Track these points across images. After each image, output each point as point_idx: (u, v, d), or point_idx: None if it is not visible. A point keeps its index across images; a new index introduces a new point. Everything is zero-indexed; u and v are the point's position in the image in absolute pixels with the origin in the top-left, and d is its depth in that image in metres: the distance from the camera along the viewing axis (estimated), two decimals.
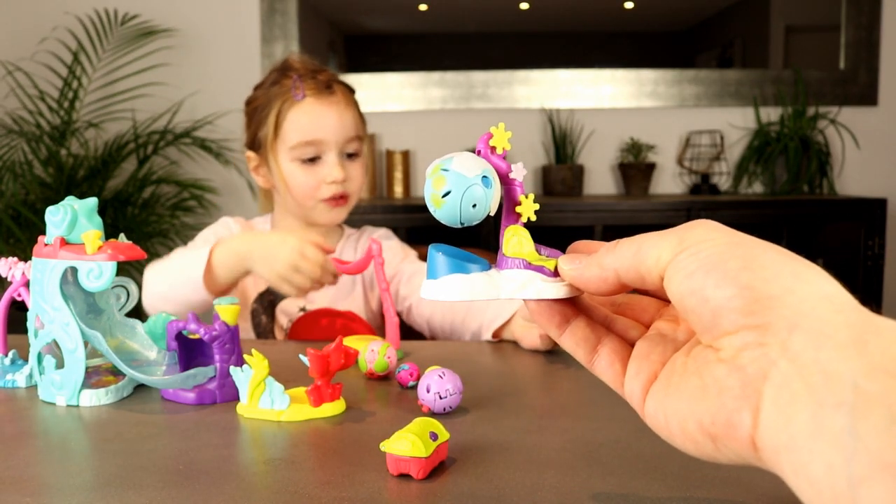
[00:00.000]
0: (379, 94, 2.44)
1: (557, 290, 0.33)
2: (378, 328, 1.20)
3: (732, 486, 0.49)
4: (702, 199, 2.28)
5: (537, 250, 0.35)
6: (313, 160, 1.18)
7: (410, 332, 1.20)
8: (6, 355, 0.79)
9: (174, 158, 2.42)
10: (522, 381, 0.78)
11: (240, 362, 0.71)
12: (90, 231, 0.69)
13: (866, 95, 2.48)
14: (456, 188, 0.32)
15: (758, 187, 2.51)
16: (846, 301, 0.26)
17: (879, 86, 2.49)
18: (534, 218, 0.35)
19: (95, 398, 0.70)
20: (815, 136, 2.42)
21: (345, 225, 1.32)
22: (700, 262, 0.28)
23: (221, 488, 0.50)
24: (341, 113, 1.20)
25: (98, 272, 0.68)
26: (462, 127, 2.45)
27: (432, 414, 0.65)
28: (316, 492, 0.49)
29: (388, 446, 0.51)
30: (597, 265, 0.32)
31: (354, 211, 1.25)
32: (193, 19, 2.45)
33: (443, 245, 0.35)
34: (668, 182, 2.55)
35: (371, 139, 2.35)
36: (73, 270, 0.71)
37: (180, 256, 1.07)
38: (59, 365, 0.71)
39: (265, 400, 0.65)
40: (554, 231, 2.15)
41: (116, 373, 0.76)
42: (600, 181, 2.54)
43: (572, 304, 0.35)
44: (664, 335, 0.33)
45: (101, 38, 2.34)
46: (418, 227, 1.35)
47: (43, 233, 0.73)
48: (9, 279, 0.79)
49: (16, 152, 2.18)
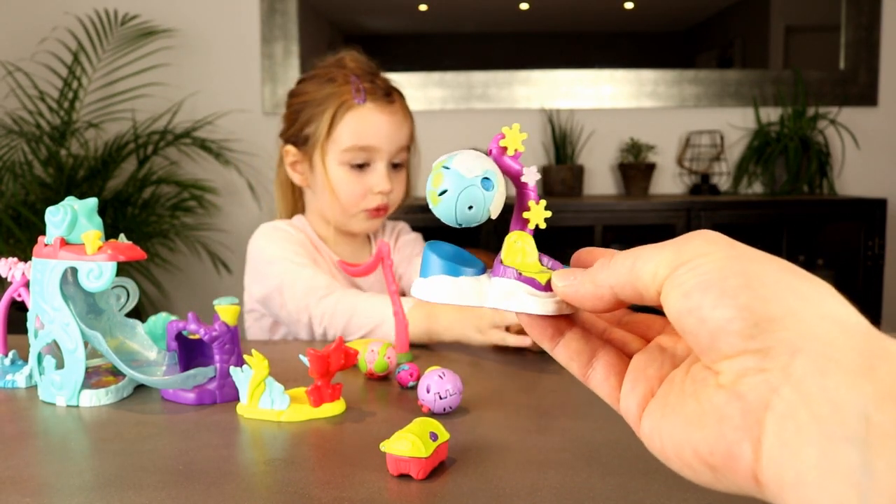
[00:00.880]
0: None
1: (543, 306, 0.32)
2: None
3: None
4: (702, 199, 2.27)
5: (541, 260, 0.33)
6: (361, 166, 1.16)
7: None
8: (6, 355, 0.79)
9: (174, 159, 2.42)
10: (522, 381, 0.78)
11: (240, 362, 0.71)
12: (90, 231, 0.69)
13: (866, 95, 2.48)
14: (453, 188, 0.31)
15: (758, 188, 2.51)
16: (854, 322, 0.24)
17: (879, 86, 2.49)
18: (543, 225, 0.34)
19: (95, 398, 0.70)
20: (815, 136, 2.42)
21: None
22: (697, 279, 0.26)
23: (221, 488, 0.50)
24: (399, 123, 1.17)
25: (98, 272, 0.68)
26: (462, 127, 2.45)
27: (432, 414, 0.65)
28: (316, 492, 0.49)
29: (388, 446, 0.51)
30: (591, 282, 0.30)
31: None
32: (193, 19, 2.45)
33: (440, 243, 0.34)
34: (668, 182, 2.55)
35: None
36: (73, 271, 0.71)
37: (360, 308, 1.02)
38: (59, 365, 0.71)
39: (265, 400, 0.65)
40: (554, 231, 2.15)
41: (116, 373, 0.76)
42: (600, 181, 2.54)
43: (567, 317, 0.34)
44: (663, 349, 0.31)
45: (101, 38, 2.34)
46: (417, 227, 1.36)
47: (43, 233, 0.73)
48: (9, 279, 0.79)
49: (16, 152, 2.18)
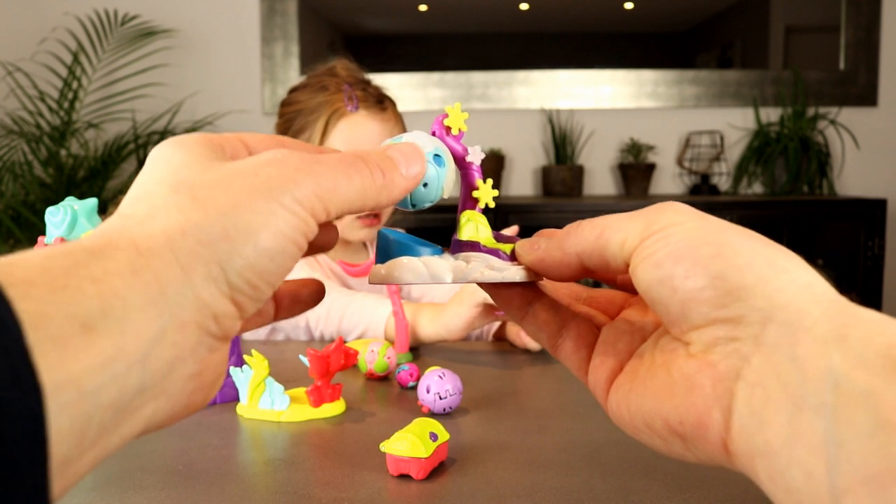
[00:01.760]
0: None
1: (512, 274, 0.31)
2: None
3: (732, 486, 0.49)
4: (701, 199, 2.28)
5: (495, 238, 0.33)
6: None
7: None
8: None
9: None
10: (522, 381, 0.78)
11: (240, 362, 0.71)
12: (90, 231, 0.69)
13: (866, 96, 2.48)
14: (403, 137, 0.31)
15: (758, 188, 2.51)
16: (825, 290, 0.24)
17: (879, 86, 2.49)
18: (492, 204, 0.33)
19: None
20: (814, 136, 2.42)
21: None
22: (669, 249, 0.25)
23: (221, 488, 0.50)
24: (392, 130, 1.18)
25: None
26: None
27: (432, 414, 0.65)
28: (316, 492, 0.49)
29: (388, 447, 0.51)
30: (557, 249, 0.29)
31: None
32: (193, 19, 2.45)
33: (393, 230, 0.34)
34: (668, 182, 2.55)
35: None
36: None
37: (350, 310, 1.01)
38: None
39: (265, 400, 0.65)
40: None
41: None
42: (600, 181, 2.54)
43: (534, 287, 0.33)
44: (632, 322, 0.30)
45: (101, 38, 2.34)
46: (416, 227, 1.36)
47: (43, 233, 0.73)
48: None
49: (16, 153, 2.18)
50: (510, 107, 2.48)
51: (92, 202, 0.74)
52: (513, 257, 0.31)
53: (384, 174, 0.28)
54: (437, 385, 0.64)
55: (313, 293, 0.32)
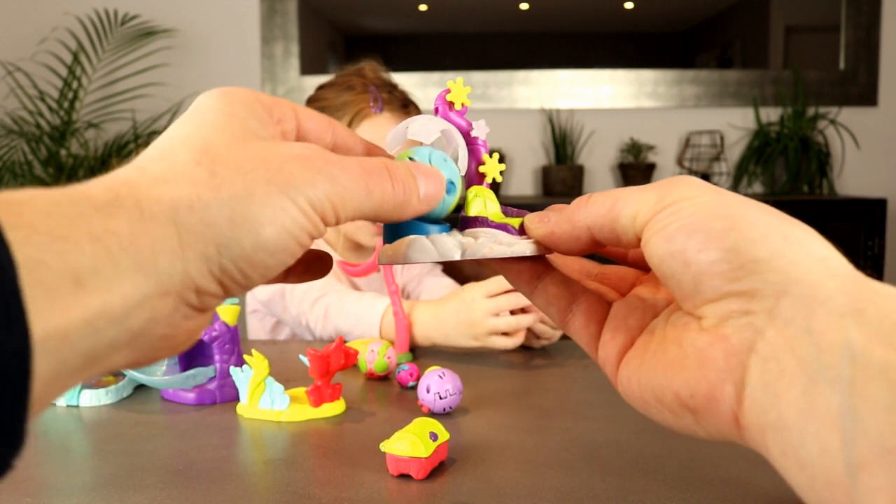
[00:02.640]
0: None
1: (521, 248, 0.30)
2: None
3: (732, 486, 0.49)
4: None
5: (504, 213, 0.32)
6: None
7: None
8: None
9: None
10: (522, 381, 0.78)
11: (240, 362, 0.71)
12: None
13: (866, 96, 2.48)
14: (421, 154, 0.31)
15: (758, 188, 2.51)
16: (841, 264, 0.24)
17: (879, 86, 2.49)
18: (500, 179, 0.33)
19: (95, 398, 0.70)
20: (814, 136, 2.42)
21: None
22: (682, 223, 0.25)
23: (221, 488, 0.50)
24: None
25: None
26: None
27: (432, 414, 0.65)
28: (316, 492, 0.49)
29: (388, 446, 0.51)
30: (567, 221, 0.29)
31: None
32: (193, 19, 2.45)
33: None
34: None
35: None
36: None
37: (345, 309, 1.01)
38: None
39: (265, 400, 0.65)
40: None
41: (116, 373, 0.76)
42: (600, 181, 2.54)
43: (544, 261, 0.33)
44: (644, 298, 0.30)
45: (101, 38, 2.34)
46: None
47: None
48: None
49: (16, 153, 2.18)
50: (510, 107, 2.48)
51: None
52: (522, 232, 0.31)
53: (404, 193, 0.28)
54: (437, 385, 0.64)
55: (324, 266, 0.32)
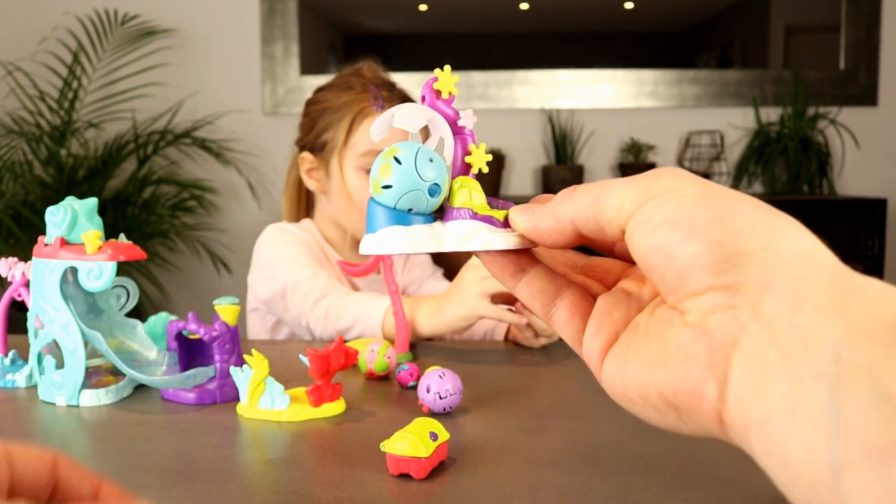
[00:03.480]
0: None
1: (505, 241, 0.30)
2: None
3: (732, 486, 0.49)
4: None
5: (490, 204, 0.32)
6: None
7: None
8: (6, 355, 0.79)
9: (174, 159, 2.42)
10: (522, 381, 0.78)
11: (240, 362, 0.71)
12: (90, 231, 0.69)
13: (866, 95, 2.48)
14: (398, 186, 0.30)
15: (758, 187, 2.51)
16: (827, 258, 0.23)
17: (879, 86, 2.49)
18: (485, 169, 0.33)
19: (95, 398, 0.70)
20: (815, 136, 2.42)
21: None
22: (665, 215, 0.24)
23: (221, 488, 0.50)
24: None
25: (98, 272, 0.68)
26: None
27: (432, 414, 0.65)
28: (316, 492, 0.49)
29: (388, 446, 0.51)
30: (551, 214, 0.29)
31: None
32: (193, 19, 2.45)
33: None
34: None
35: None
36: (73, 270, 0.71)
37: (346, 308, 1.01)
38: (59, 365, 0.71)
39: (265, 400, 0.65)
40: None
41: (116, 373, 0.76)
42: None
43: (528, 254, 0.32)
44: (629, 293, 0.30)
45: (101, 38, 2.34)
46: None
47: (43, 233, 0.73)
48: (9, 279, 0.79)
49: (16, 152, 2.18)
50: (510, 107, 2.48)
51: (92, 202, 0.74)
52: (506, 224, 0.31)
53: None
54: (437, 385, 0.64)
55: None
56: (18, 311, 0.83)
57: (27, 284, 0.77)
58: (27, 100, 2.28)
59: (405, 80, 1.30)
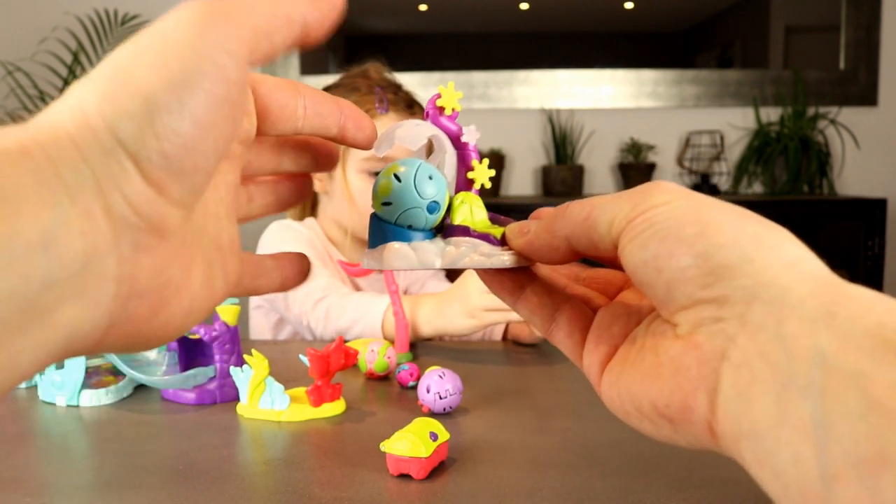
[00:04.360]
0: None
1: (500, 261, 0.30)
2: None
3: (732, 486, 0.49)
4: None
5: (492, 220, 0.32)
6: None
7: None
8: None
9: None
10: (522, 381, 0.78)
11: (240, 362, 0.71)
12: None
13: (866, 95, 2.48)
14: (397, 203, 0.31)
15: (758, 187, 2.51)
16: (813, 267, 0.23)
17: (879, 86, 2.49)
18: (488, 185, 0.33)
19: (95, 398, 0.70)
20: (815, 136, 2.42)
21: None
22: (654, 230, 0.25)
23: (221, 488, 0.50)
24: None
25: None
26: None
27: (432, 414, 0.65)
28: (316, 492, 0.49)
29: (388, 446, 0.51)
30: (545, 232, 0.29)
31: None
32: None
33: None
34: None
35: None
36: None
37: (347, 309, 1.01)
38: (59, 365, 0.71)
39: (265, 400, 0.65)
40: None
41: (116, 373, 0.76)
42: (600, 181, 2.54)
43: (527, 270, 0.32)
44: (628, 305, 0.30)
45: (101, 38, 2.34)
46: None
47: None
48: None
49: None
50: (510, 107, 2.48)
51: None
52: (503, 241, 0.31)
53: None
54: (437, 385, 0.64)
55: (298, 271, 0.31)
56: None
57: None
58: (27, 100, 2.28)
59: (405, 80, 1.30)
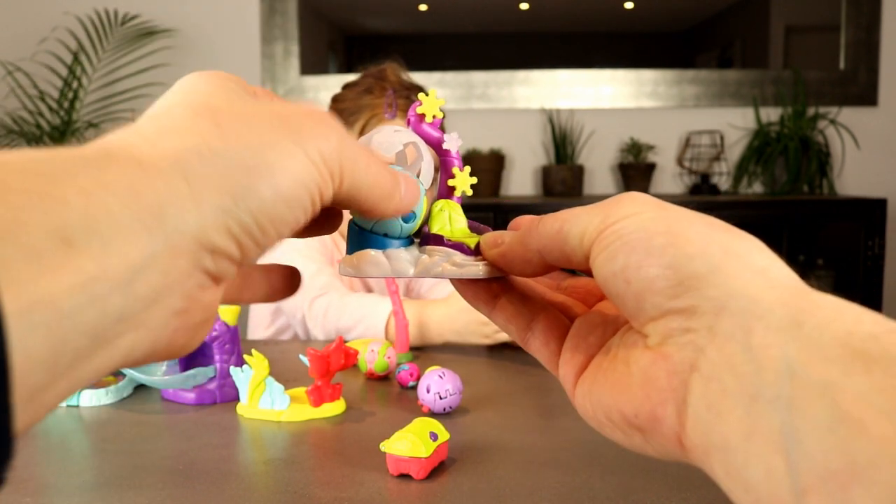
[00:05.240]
0: None
1: (472, 271, 0.30)
2: None
3: None
4: (702, 199, 2.28)
5: (472, 228, 0.32)
6: None
7: None
8: None
9: None
10: (522, 381, 0.78)
11: (240, 362, 0.71)
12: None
13: (866, 96, 2.48)
14: None
15: (758, 187, 2.51)
16: (781, 275, 0.23)
17: (879, 86, 2.48)
18: (469, 192, 0.33)
19: (95, 398, 0.70)
20: (815, 136, 2.42)
21: None
22: (623, 241, 0.25)
23: (221, 488, 0.50)
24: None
25: None
26: (462, 127, 2.45)
27: (432, 414, 0.65)
28: (316, 492, 0.49)
29: (388, 446, 0.51)
30: (518, 244, 0.29)
31: None
32: (193, 19, 2.45)
33: (364, 220, 0.33)
34: (668, 182, 2.55)
35: None
36: None
37: (348, 309, 1.02)
38: None
39: (265, 400, 0.65)
40: None
41: (116, 373, 0.76)
42: (600, 181, 2.54)
43: (501, 279, 0.32)
44: (605, 315, 0.29)
45: (101, 38, 2.34)
46: None
47: None
48: None
49: None
50: (510, 107, 2.48)
51: None
52: (478, 251, 0.31)
53: (393, 184, 0.27)
54: (437, 385, 0.64)
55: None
56: None
57: None
58: (27, 100, 2.28)
59: None
